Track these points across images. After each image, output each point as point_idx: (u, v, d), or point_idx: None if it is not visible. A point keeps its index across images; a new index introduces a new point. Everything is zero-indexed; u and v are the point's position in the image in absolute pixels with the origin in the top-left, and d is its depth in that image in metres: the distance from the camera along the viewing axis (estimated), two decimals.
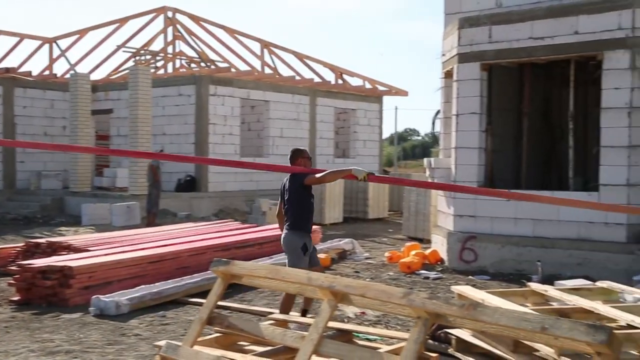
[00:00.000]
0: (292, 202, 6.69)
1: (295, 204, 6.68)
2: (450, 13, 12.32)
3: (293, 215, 6.69)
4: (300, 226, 6.69)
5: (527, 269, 10.40)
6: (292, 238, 6.69)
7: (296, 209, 6.68)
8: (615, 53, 9.89)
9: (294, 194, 6.67)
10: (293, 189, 6.67)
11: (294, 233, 6.68)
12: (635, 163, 9.91)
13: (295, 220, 6.68)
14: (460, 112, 11.42)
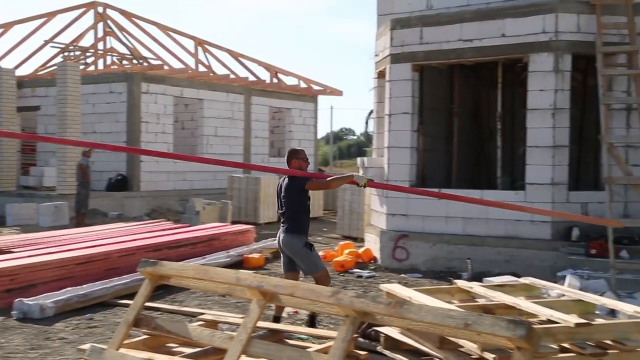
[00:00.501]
0: (290, 204, 6.59)
1: (294, 207, 6.59)
2: (383, 14, 12.45)
3: (290, 218, 6.61)
4: (297, 229, 6.61)
5: (457, 267, 10.61)
6: (292, 241, 6.59)
7: (294, 211, 6.59)
8: (540, 56, 10.20)
9: (292, 197, 6.56)
10: (291, 191, 6.55)
11: (293, 236, 6.60)
12: (559, 162, 10.25)
13: (293, 223, 6.60)
14: (392, 112, 11.57)
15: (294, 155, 6.79)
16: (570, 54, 10.18)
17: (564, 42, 10.12)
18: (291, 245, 6.60)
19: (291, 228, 6.59)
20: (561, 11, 10.09)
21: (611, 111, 10.18)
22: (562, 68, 10.13)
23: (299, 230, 6.62)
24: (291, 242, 6.59)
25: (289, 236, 6.59)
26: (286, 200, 6.60)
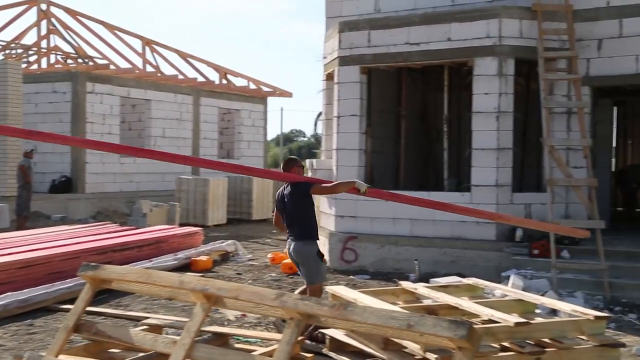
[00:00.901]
0: (296, 211, 6.46)
1: (300, 214, 6.47)
2: (331, 17, 12.50)
3: (299, 225, 6.48)
4: (308, 235, 6.49)
5: (405, 268, 10.72)
6: (304, 248, 6.46)
7: (302, 218, 6.48)
8: (484, 60, 10.39)
9: (297, 204, 6.44)
10: (296, 198, 6.44)
11: (304, 243, 6.47)
12: (503, 165, 10.45)
13: (302, 230, 6.48)
14: (341, 114, 11.61)
15: (294, 162, 6.76)
16: (513, 58, 10.39)
17: (507, 46, 10.33)
18: (302, 252, 6.48)
19: (301, 235, 6.47)
20: (504, 17, 10.29)
21: (552, 115, 10.43)
22: (505, 72, 10.34)
23: (310, 237, 6.51)
24: (302, 249, 6.47)
25: (300, 244, 6.47)
26: (292, 208, 6.48)
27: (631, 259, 9.31)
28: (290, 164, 6.73)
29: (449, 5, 11.44)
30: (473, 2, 11.18)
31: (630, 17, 10.17)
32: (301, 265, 6.56)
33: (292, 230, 6.54)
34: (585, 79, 10.42)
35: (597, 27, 10.40)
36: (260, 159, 23.75)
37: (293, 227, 6.52)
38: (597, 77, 10.48)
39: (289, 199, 6.49)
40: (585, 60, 10.47)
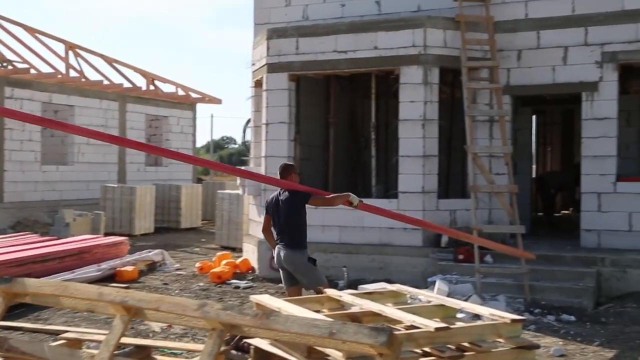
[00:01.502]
0: (291, 219, 6.47)
1: (295, 222, 6.49)
2: (260, 23, 12.47)
3: (292, 233, 6.50)
4: (300, 244, 6.54)
5: (334, 275, 10.74)
6: (295, 256, 6.49)
7: (296, 226, 6.51)
8: (410, 68, 10.57)
9: (293, 211, 6.45)
10: (293, 205, 6.44)
11: (295, 251, 6.50)
12: (429, 172, 10.64)
13: (295, 239, 6.51)
14: (269, 122, 11.58)
15: (292, 169, 6.75)
16: (438, 67, 10.61)
17: (432, 55, 10.54)
18: (294, 260, 6.48)
19: (293, 243, 6.49)
20: (429, 26, 10.50)
21: (476, 122, 10.70)
22: (430, 81, 10.54)
23: (302, 246, 6.54)
24: (293, 257, 6.48)
25: (291, 252, 6.48)
26: (286, 215, 6.47)
27: (550, 262, 9.63)
28: (288, 171, 6.73)
29: (375, 15, 11.60)
30: (399, 12, 11.36)
31: (547, 29, 10.55)
32: (296, 273, 6.59)
33: (284, 238, 6.57)
34: (506, 88, 10.74)
35: (516, 38, 10.74)
36: (189, 167, 23.43)
37: (285, 234, 6.53)
38: (517, 87, 10.82)
39: (285, 206, 6.49)
40: (506, 70, 10.79)
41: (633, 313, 8.39)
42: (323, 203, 6.77)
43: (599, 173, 10.26)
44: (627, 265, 9.37)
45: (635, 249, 9.88)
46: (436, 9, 11.13)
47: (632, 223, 10.05)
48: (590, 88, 10.31)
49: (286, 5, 12.34)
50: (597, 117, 10.28)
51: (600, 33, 10.24)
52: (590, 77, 10.30)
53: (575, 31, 10.38)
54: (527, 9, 10.70)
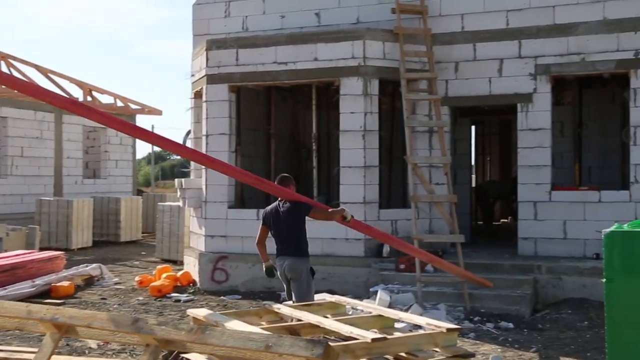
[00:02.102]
0: (294, 229, 6.64)
1: (298, 231, 6.66)
2: (199, 34, 12.36)
3: (294, 242, 6.67)
4: (303, 252, 6.72)
5: (277, 287, 10.63)
6: (299, 264, 6.63)
7: (299, 236, 6.67)
8: (350, 80, 10.64)
9: (296, 222, 6.64)
10: (296, 216, 6.62)
11: (300, 260, 6.65)
12: (370, 182, 10.70)
13: (297, 247, 6.67)
14: (210, 133, 11.47)
15: (290, 181, 6.94)
16: (377, 78, 10.71)
17: (371, 67, 10.64)
18: (297, 268, 6.62)
19: (297, 252, 6.67)
20: (368, 38, 10.60)
21: (415, 133, 10.84)
22: (370, 92, 10.62)
23: (306, 254, 6.74)
24: (298, 265, 6.62)
25: (296, 260, 6.63)
26: (288, 225, 6.64)
27: (489, 270, 9.79)
28: (286, 182, 6.95)
29: (315, 26, 11.65)
30: (338, 24, 11.44)
31: (483, 42, 10.78)
32: (294, 281, 6.66)
33: (286, 247, 6.68)
34: (445, 99, 10.92)
35: (454, 51, 10.94)
36: (129, 179, 22.99)
37: (287, 244, 6.68)
38: (455, 98, 11.01)
39: (287, 216, 6.64)
40: (445, 82, 10.97)
41: (568, 319, 8.60)
42: (323, 217, 6.97)
43: (534, 182, 10.51)
44: (562, 272, 9.61)
45: (570, 256, 10.14)
46: (375, 21, 11.25)
47: (566, 231, 10.32)
48: (525, 99, 10.57)
49: (225, 17, 12.28)
50: (532, 127, 10.55)
51: (534, 46, 10.52)
52: (525, 88, 10.57)
53: (509, 44, 10.65)
54: (463, 22, 10.92)
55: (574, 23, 10.32)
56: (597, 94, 12.65)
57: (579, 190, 10.60)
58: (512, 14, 10.67)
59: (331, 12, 11.63)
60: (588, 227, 10.00)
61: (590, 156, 12.54)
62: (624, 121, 11.03)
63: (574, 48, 10.33)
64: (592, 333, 7.90)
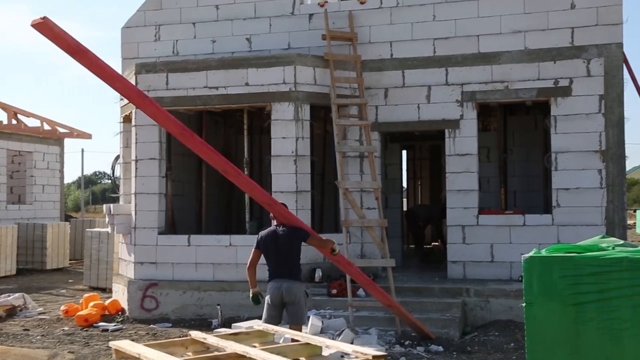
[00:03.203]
0: (292, 253, 6.81)
1: (295, 256, 6.82)
2: (128, 58, 12.19)
3: (293, 266, 6.82)
4: (300, 276, 6.92)
5: (208, 313, 10.53)
6: (297, 287, 6.77)
7: (296, 260, 6.83)
8: (282, 105, 10.67)
9: (294, 246, 6.82)
10: (294, 240, 6.81)
11: (298, 283, 6.80)
12: (302, 207, 10.70)
13: (296, 271, 6.83)
14: (139, 158, 11.28)
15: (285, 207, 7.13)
16: (308, 104, 10.77)
17: (302, 92, 10.70)
18: (296, 291, 6.74)
19: (296, 275, 6.82)
20: (299, 64, 10.67)
21: (346, 158, 10.94)
22: (302, 117, 10.68)
23: (301, 278, 6.98)
24: (296, 288, 6.75)
25: (295, 283, 6.77)
26: (288, 249, 6.78)
27: (419, 294, 9.91)
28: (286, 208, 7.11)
29: (246, 51, 11.66)
30: (269, 49, 11.49)
31: (412, 69, 11.02)
32: (291, 304, 6.76)
33: (284, 270, 6.77)
34: (375, 124, 11.08)
35: (383, 77, 11.13)
36: (56, 204, 22.29)
37: (285, 267, 6.78)
38: (385, 123, 11.18)
39: (286, 240, 6.79)
40: (375, 107, 11.14)
41: (495, 341, 8.77)
42: (318, 244, 7.17)
43: (462, 206, 10.74)
44: (489, 294, 9.81)
45: (497, 278, 10.38)
46: (306, 47, 11.36)
47: (494, 254, 10.57)
48: (452, 125, 10.83)
49: (155, 40, 12.16)
50: (459, 153, 10.80)
51: (460, 74, 10.82)
52: (452, 115, 10.83)
53: (437, 71, 10.91)
54: (392, 49, 11.14)
55: (497, 52, 10.68)
56: (520, 120, 13.08)
57: (504, 214, 10.88)
58: (439, 42, 10.95)
59: (262, 38, 11.67)
60: (514, 250, 10.27)
61: (515, 180, 12.92)
62: (546, 147, 11.44)
63: (498, 76, 10.67)
64: (518, 355, 8.07)
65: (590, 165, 10.27)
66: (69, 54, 5.46)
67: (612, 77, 10.26)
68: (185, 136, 5.69)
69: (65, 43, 5.36)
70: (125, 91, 6.18)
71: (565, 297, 4.21)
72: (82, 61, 5.55)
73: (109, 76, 5.82)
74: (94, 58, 5.56)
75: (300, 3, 11.62)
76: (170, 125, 6.10)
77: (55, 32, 5.20)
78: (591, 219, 10.20)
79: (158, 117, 6.06)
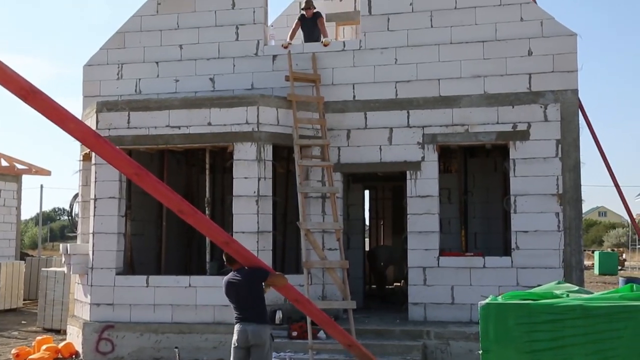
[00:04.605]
0: (254, 295, 6.66)
1: (258, 297, 6.68)
2: (89, 96, 12.09)
3: (257, 309, 6.71)
4: (266, 319, 6.84)
5: (166, 357, 10.31)
6: (263, 330, 6.68)
7: (259, 302, 6.71)
8: (244, 145, 10.65)
9: (254, 290, 6.65)
10: (252, 284, 6.64)
11: (263, 326, 6.71)
12: (263, 248, 10.62)
13: (260, 313, 6.74)
14: (98, 197, 11.11)
15: None
16: (271, 144, 10.78)
17: (265, 133, 10.71)
18: (263, 334, 6.65)
19: (260, 318, 6.72)
20: (262, 105, 10.70)
21: (308, 199, 10.93)
22: (264, 157, 10.66)
23: (267, 320, 6.88)
24: (263, 331, 6.66)
25: (260, 326, 6.68)
26: (246, 295, 6.66)
27: (380, 336, 9.86)
28: None
29: (209, 91, 11.66)
30: (232, 89, 11.51)
31: (374, 111, 11.13)
32: (257, 348, 6.68)
33: (248, 313, 6.69)
34: (337, 165, 11.12)
35: (346, 118, 11.22)
36: (12, 242, 21.73)
37: (250, 310, 6.69)
38: (348, 164, 11.23)
39: (244, 287, 6.65)
40: (337, 148, 11.19)
41: None
42: (279, 282, 6.66)
43: (423, 248, 10.78)
44: (450, 337, 9.80)
45: (457, 321, 10.39)
46: (269, 88, 11.41)
47: (454, 296, 10.59)
48: (413, 167, 10.93)
49: (118, 79, 12.10)
50: (420, 194, 10.88)
51: (421, 116, 10.97)
52: (414, 157, 10.94)
53: (398, 113, 11.05)
54: (355, 91, 11.26)
55: (457, 96, 10.87)
56: (481, 162, 13.27)
57: (465, 256, 10.95)
58: (401, 85, 11.11)
59: (226, 78, 11.70)
60: (474, 292, 10.31)
61: (476, 222, 13.04)
62: (506, 190, 11.60)
63: (458, 119, 10.84)
64: None
65: (548, 209, 10.43)
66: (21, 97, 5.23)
67: (569, 122, 10.51)
68: (141, 176, 5.50)
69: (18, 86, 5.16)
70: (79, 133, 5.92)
71: (520, 345, 4.22)
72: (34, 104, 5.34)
73: (61, 118, 5.64)
74: (47, 99, 5.39)
75: (264, 44, 11.70)
76: (124, 166, 5.89)
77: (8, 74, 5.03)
78: (549, 262, 10.33)
79: (112, 158, 5.84)
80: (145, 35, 12.07)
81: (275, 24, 14.31)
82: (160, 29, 12.03)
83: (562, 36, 10.67)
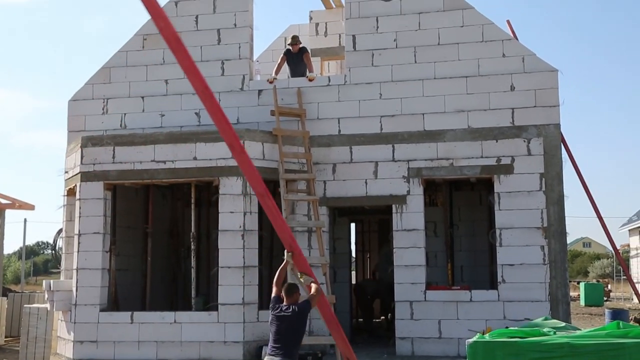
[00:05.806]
0: (297, 332, 6.43)
1: (299, 335, 6.44)
2: (74, 130, 12.07)
3: (293, 347, 6.39)
4: (295, 356, 6.45)
5: None
6: None
7: (299, 337, 6.45)
8: (230, 180, 10.65)
9: (297, 328, 6.43)
10: (302, 317, 6.47)
11: None
12: (249, 282, 10.56)
13: (294, 349, 6.40)
14: (82, 232, 11.03)
15: (297, 289, 6.85)
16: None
17: None
18: None
19: (292, 354, 6.39)
20: (248, 139, 10.73)
21: (295, 233, 10.88)
22: (250, 192, 10.64)
23: (297, 357, 6.53)
24: None
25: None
26: (294, 328, 6.42)
27: None
28: (294, 290, 6.77)
29: (195, 125, 11.68)
30: None
31: (359, 145, 11.19)
32: None
33: (282, 349, 6.38)
34: (323, 199, 11.13)
35: (331, 153, 11.26)
36: None
37: (285, 346, 6.40)
38: (333, 198, 11.24)
39: (293, 319, 6.44)
40: (323, 182, 11.21)
41: None
42: (317, 299, 6.79)
43: (410, 282, 10.76)
44: None
45: (445, 355, 10.33)
46: (255, 122, 11.45)
47: (441, 330, 10.54)
48: (399, 201, 10.95)
49: (103, 114, 12.10)
50: (406, 228, 10.89)
51: (406, 150, 11.03)
52: (399, 190, 10.98)
53: (384, 148, 11.11)
54: (340, 126, 11.32)
55: (442, 130, 10.96)
56: (466, 196, 13.32)
57: (451, 289, 10.92)
58: (386, 119, 11.19)
59: None
60: (461, 325, 10.28)
61: (462, 255, 13.04)
62: (491, 223, 11.63)
63: (443, 153, 10.92)
64: None
65: (534, 242, 10.47)
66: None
67: (552, 156, 10.62)
68: (264, 198, 5.59)
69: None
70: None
71: None
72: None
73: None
74: None
75: (249, 79, 11.77)
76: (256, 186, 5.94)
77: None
78: (535, 295, 10.33)
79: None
80: (131, 70, 12.11)
81: (261, 59, 14.43)
82: (146, 64, 12.08)
83: (543, 72, 10.83)
